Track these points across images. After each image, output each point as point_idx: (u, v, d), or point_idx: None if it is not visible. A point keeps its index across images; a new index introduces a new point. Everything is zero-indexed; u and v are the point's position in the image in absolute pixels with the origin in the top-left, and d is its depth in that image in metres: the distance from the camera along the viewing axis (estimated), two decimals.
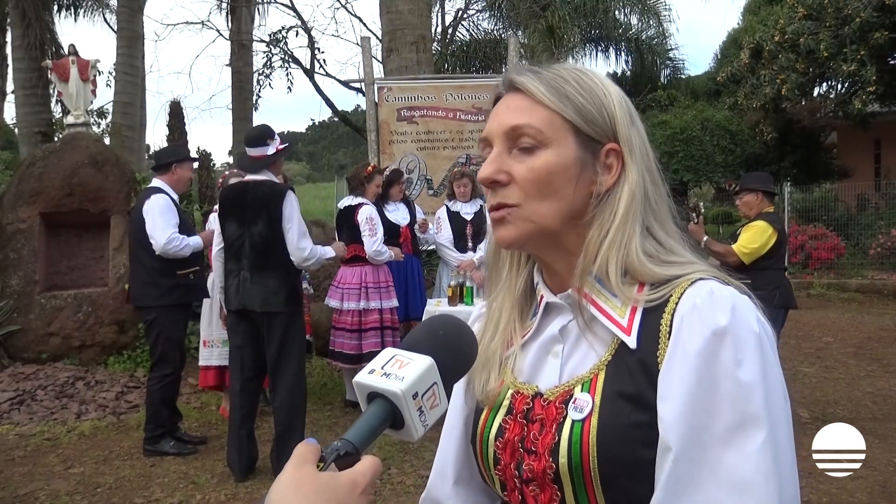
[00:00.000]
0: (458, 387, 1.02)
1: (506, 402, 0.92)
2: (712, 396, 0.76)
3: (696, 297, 0.82)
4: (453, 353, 0.77)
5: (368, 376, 0.72)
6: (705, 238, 4.68)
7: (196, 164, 5.02)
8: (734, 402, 0.75)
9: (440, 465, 1.04)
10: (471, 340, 0.81)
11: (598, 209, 0.88)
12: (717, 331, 0.78)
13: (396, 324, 5.38)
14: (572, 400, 0.85)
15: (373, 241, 5.07)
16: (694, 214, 4.79)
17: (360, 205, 5.22)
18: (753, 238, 4.54)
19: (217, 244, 4.18)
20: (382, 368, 0.72)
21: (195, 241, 4.51)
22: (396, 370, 0.71)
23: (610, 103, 0.89)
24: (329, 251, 4.36)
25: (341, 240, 5.27)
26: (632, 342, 0.83)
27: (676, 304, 0.83)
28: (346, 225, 5.29)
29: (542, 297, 0.95)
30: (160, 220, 4.37)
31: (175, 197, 4.59)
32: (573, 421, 0.83)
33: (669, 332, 0.81)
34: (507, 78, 0.92)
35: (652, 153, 0.92)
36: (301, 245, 3.95)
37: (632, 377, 0.82)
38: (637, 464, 0.79)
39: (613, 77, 17.22)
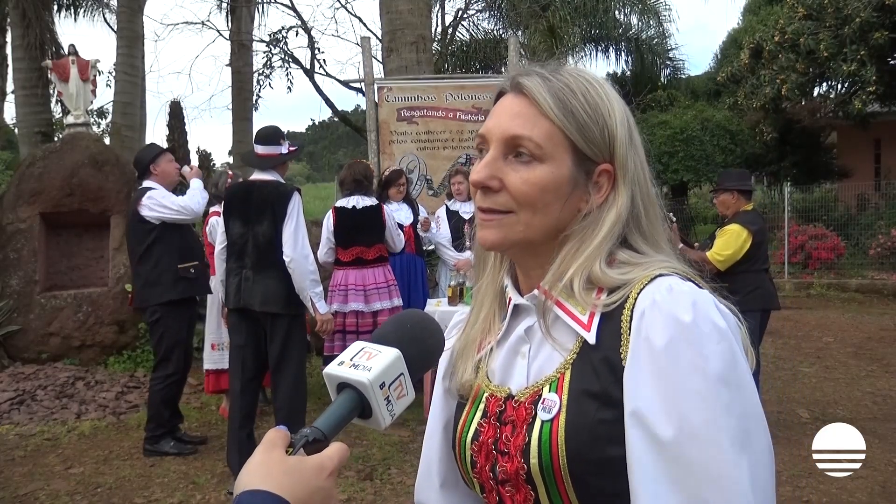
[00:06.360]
0: (438, 390, 1.04)
1: (481, 406, 0.94)
2: (682, 395, 0.76)
3: (656, 294, 0.82)
4: (420, 346, 0.81)
5: (338, 367, 0.75)
6: (679, 246, 4.62)
7: (174, 156, 5.02)
8: (704, 399, 0.76)
9: (425, 468, 1.05)
10: (437, 335, 0.84)
11: (581, 226, 0.88)
12: (680, 327, 0.78)
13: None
14: (541, 400, 0.86)
15: (402, 240, 5.30)
16: (666, 224, 4.74)
17: (380, 205, 5.21)
18: (727, 244, 4.48)
19: (219, 242, 4.16)
20: (351, 360, 0.76)
21: (199, 186, 4.62)
22: (364, 361, 0.75)
23: (613, 123, 0.88)
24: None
25: (361, 242, 5.13)
26: (591, 338, 0.84)
27: (635, 300, 0.83)
28: (371, 225, 5.14)
29: (510, 299, 0.96)
30: (172, 199, 4.44)
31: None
32: (542, 421, 0.84)
33: (630, 329, 0.82)
34: (513, 77, 0.91)
35: (649, 173, 0.92)
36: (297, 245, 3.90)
37: (597, 375, 0.83)
38: (605, 461, 0.80)
39: (613, 77, 17.23)
